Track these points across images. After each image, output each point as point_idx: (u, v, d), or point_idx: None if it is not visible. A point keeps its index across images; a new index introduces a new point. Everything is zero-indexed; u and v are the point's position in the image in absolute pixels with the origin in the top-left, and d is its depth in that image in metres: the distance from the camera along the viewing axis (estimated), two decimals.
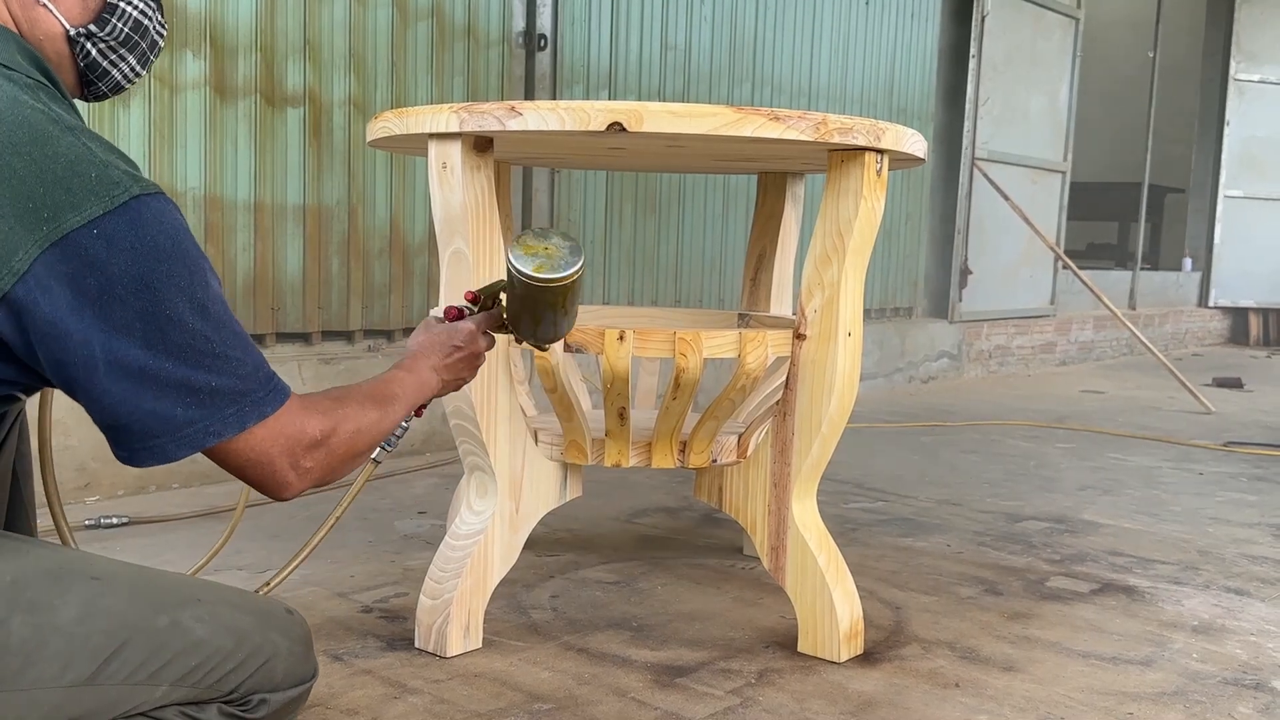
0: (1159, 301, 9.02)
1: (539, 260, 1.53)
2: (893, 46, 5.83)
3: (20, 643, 1.02)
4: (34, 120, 1.02)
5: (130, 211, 1.02)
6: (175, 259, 1.04)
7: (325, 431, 1.18)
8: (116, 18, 1.20)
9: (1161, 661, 2.12)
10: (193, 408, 1.06)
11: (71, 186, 1.00)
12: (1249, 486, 3.77)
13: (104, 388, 1.03)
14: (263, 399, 1.11)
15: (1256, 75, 9.30)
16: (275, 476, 1.15)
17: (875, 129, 1.88)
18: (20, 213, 0.98)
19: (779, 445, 2.07)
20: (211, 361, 1.06)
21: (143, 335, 1.02)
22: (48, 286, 0.99)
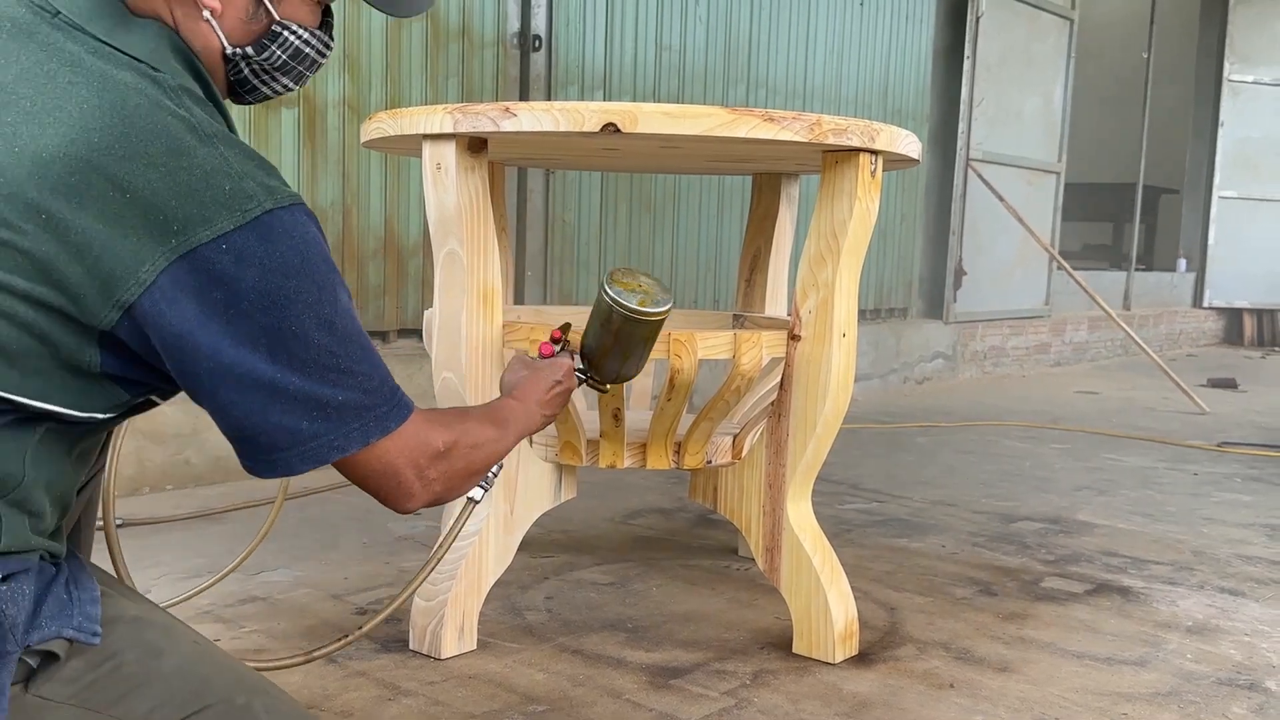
0: (1153, 302, 9.03)
1: (640, 295, 1.59)
2: (887, 47, 5.83)
3: (128, 675, 1.06)
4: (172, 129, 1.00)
5: (261, 226, 1.01)
6: (304, 275, 1.03)
7: (448, 443, 1.19)
8: (277, 45, 1.19)
9: (1156, 662, 2.12)
10: (319, 421, 1.06)
11: (204, 200, 0.99)
12: (1243, 487, 3.78)
13: (231, 399, 1.03)
14: (387, 414, 1.11)
15: (1250, 76, 9.32)
16: (400, 488, 1.16)
17: (869, 130, 1.88)
18: (151, 225, 0.98)
19: (774, 446, 2.07)
20: (337, 377, 1.06)
21: (268, 350, 1.02)
22: (174, 299, 0.99)
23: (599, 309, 1.61)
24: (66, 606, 1.05)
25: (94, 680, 1.05)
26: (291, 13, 1.17)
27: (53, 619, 1.03)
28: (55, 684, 1.03)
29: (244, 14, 1.14)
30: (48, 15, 1.04)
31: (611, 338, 1.61)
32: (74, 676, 1.04)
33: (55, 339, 1.00)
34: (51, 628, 1.02)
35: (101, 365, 1.03)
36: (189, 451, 3.20)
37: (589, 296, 4.40)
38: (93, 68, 1.01)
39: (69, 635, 1.03)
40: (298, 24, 1.18)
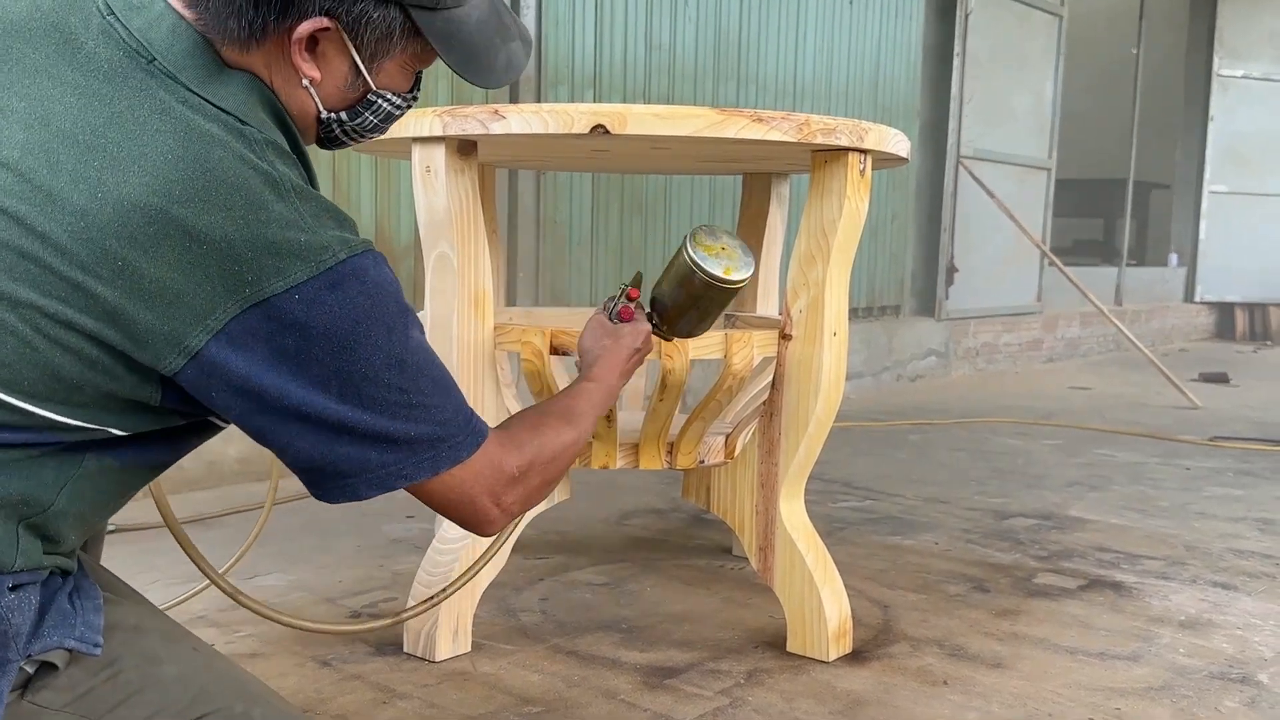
0: (1145, 297, 9.05)
1: (724, 262, 1.57)
2: (877, 45, 5.84)
3: (126, 683, 1.06)
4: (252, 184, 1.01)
5: (334, 275, 1.02)
6: (374, 319, 1.05)
7: (523, 467, 1.21)
8: (370, 111, 1.20)
9: (1148, 656, 2.12)
10: (388, 453, 1.07)
11: (280, 251, 1.00)
12: (1235, 481, 3.79)
13: (298, 434, 1.05)
14: (460, 443, 1.12)
15: (1240, 71, 9.34)
16: (477, 514, 1.18)
17: (858, 129, 1.89)
18: (225, 274, 0.99)
19: (766, 445, 2.08)
20: (408, 412, 1.08)
21: (338, 391, 1.04)
22: (243, 344, 1.00)
23: (678, 269, 1.58)
24: (69, 616, 1.05)
25: (91, 688, 1.05)
26: (388, 81, 1.18)
27: (55, 629, 1.03)
28: (52, 691, 1.04)
29: (342, 83, 1.15)
30: (143, 61, 1.04)
31: (689, 299, 1.59)
32: (71, 684, 1.05)
33: (119, 375, 1.01)
34: (53, 637, 1.03)
35: (163, 400, 1.04)
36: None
37: (581, 298, 4.40)
38: (181, 117, 1.02)
39: (70, 646, 1.04)
40: (392, 91, 1.19)
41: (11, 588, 1.00)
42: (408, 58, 1.17)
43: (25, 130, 1.01)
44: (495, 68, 1.21)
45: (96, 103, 1.02)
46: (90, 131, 1.00)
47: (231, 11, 1.06)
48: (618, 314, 1.60)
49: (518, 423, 1.27)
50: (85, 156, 0.99)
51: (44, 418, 1.00)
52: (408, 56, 1.16)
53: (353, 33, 1.10)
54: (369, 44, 1.12)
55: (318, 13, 1.08)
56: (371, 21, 1.10)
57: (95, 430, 1.03)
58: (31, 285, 0.98)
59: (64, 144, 1.00)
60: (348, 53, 1.12)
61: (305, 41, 1.09)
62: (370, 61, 1.14)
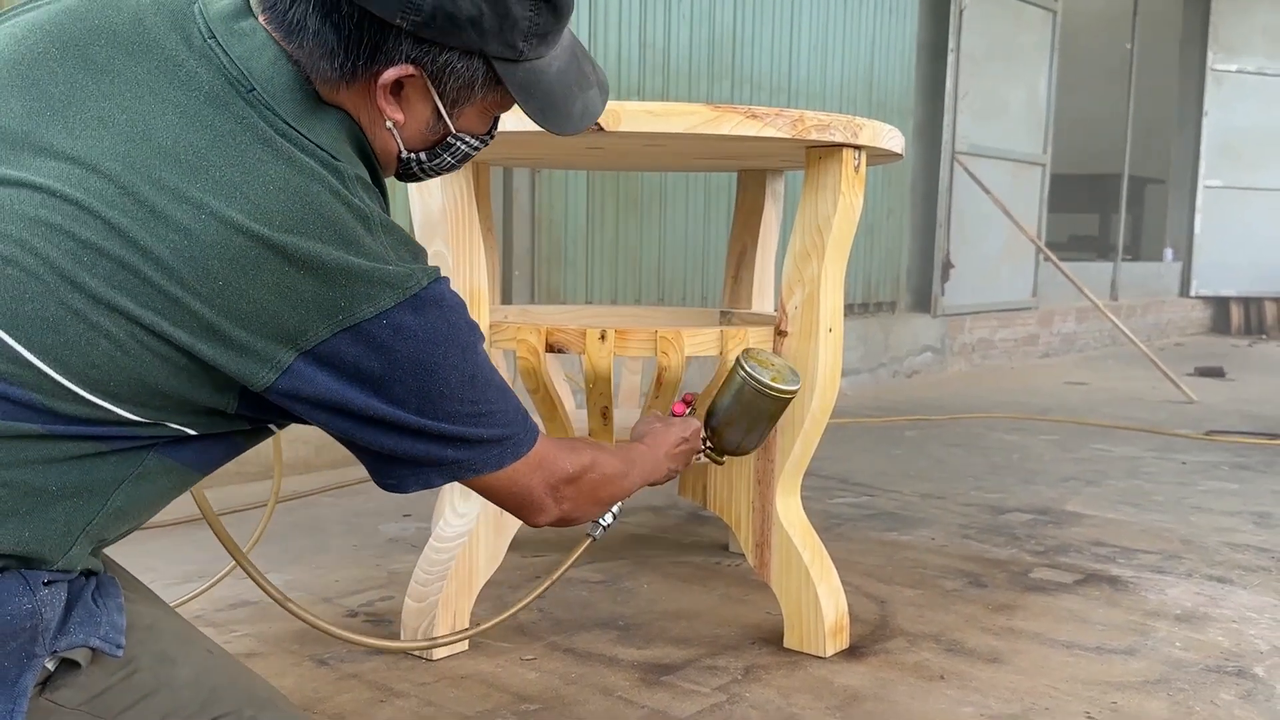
0: (1141, 292, 9.06)
1: (773, 373, 1.69)
2: (871, 41, 5.84)
3: (140, 684, 1.09)
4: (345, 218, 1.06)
5: (417, 302, 1.08)
6: (451, 342, 1.11)
7: (579, 469, 1.30)
8: (449, 153, 1.25)
9: (1145, 650, 2.13)
10: (461, 451, 1.16)
11: (371, 279, 1.06)
12: (1231, 475, 3.80)
13: (379, 438, 1.12)
14: (520, 441, 1.21)
15: (1234, 65, 9.36)
16: (533, 504, 1.26)
17: (852, 125, 1.89)
18: (319, 300, 1.04)
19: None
20: (478, 420, 1.15)
21: (418, 406, 1.10)
22: (332, 363, 1.06)
23: (730, 382, 1.71)
24: (95, 615, 1.07)
25: (107, 687, 1.07)
26: (467, 125, 1.22)
27: (80, 626, 1.05)
28: (69, 689, 1.05)
29: (424, 126, 1.19)
30: (243, 89, 1.07)
31: (740, 411, 1.70)
32: (88, 683, 1.06)
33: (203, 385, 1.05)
34: (79, 635, 1.04)
35: (238, 409, 1.09)
36: None
37: (576, 296, 4.40)
38: (281, 148, 1.06)
39: (95, 645, 1.05)
40: (470, 134, 1.23)
41: (46, 583, 1.02)
42: (488, 104, 1.20)
43: (127, 143, 1.03)
44: (572, 116, 1.25)
45: (199, 124, 1.04)
46: (193, 152, 1.03)
47: (325, 53, 1.09)
48: (671, 411, 1.73)
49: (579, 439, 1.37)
50: (189, 177, 1.02)
51: (119, 415, 1.03)
52: (488, 103, 1.20)
53: (436, 80, 1.14)
54: (451, 91, 1.16)
55: (404, 60, 1.11)
56: (455, 71, 1.14)
57: (163, 429, 1.06)
58: (130, 295, 1.00)
59: (166, 162, 1.02)
60: (430, 99, 1.16)
61: (390, 86, 1.13)
62: (451, 107, 1.18)
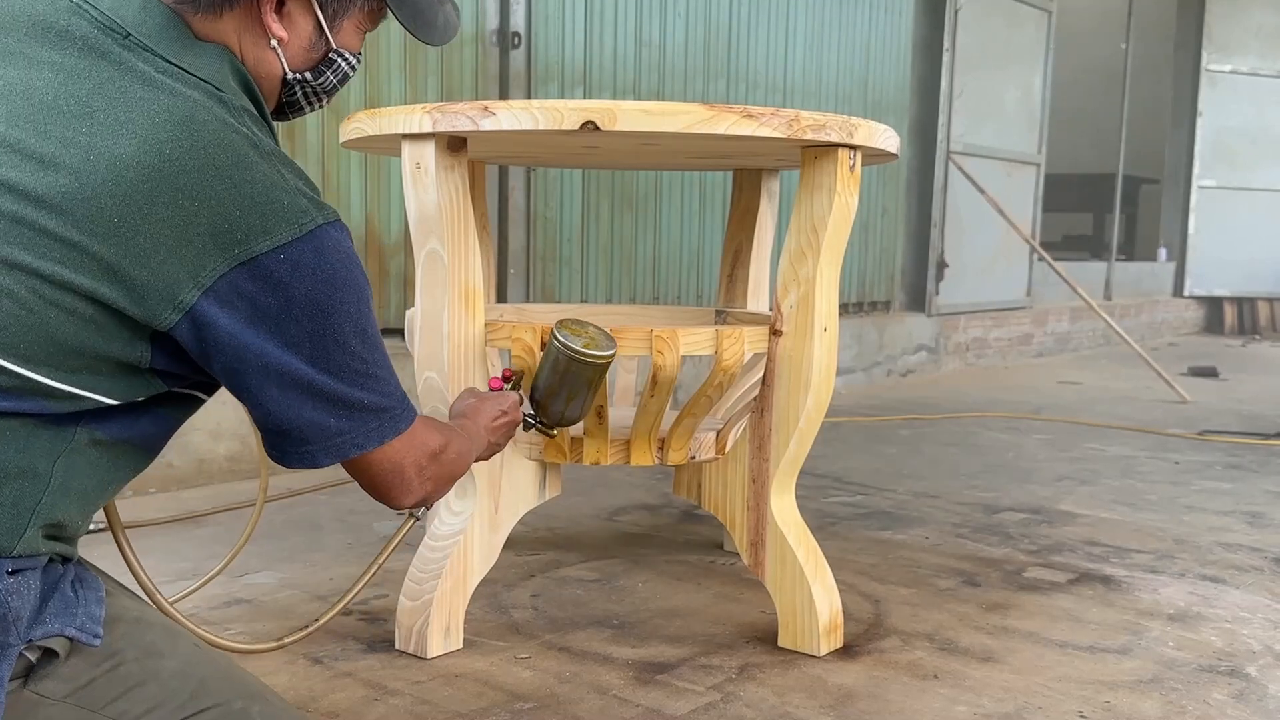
0: (1134, 292, 9.08)
1: (585, 339, 1.70)
2: (866, 40, 5.84)
3: (126, 676, 1.09)
4: (238, 144, 1.08)
5: (315, 239, 1.09)
6: (347, 286, 1.12)
7: (441, 446, 1.31)
8: (331, 71, 1.29)
9: (1138, 650, 2.13)
10: (344, 420, 1.16)
11: (265, 212, 1.07)
12: (1224, 475, 3.81)
13: (271, 396, 1.11)
14: (400, 415, 1.22)
15: (1228, 66, 9.37)
16: (402, 484, 1.27)
17: (847, 125, 1.89)
18: (216, 232, 1.05)
19: (757, 441, 2.08)
20: (364, 380, 1.16)
21: (310, 353, 1.11)
22: (230, 301, 1.06)
23: (547, 352, 1.72)
24: (71, 605, 1.07)
25: (92, 679, 1.07)
26: (345, 41, 1.28)
27: (56, 616, 1.05)
28: (54, 681, 1.05)
29: (306, 43, 1.25)
30: (119, 36, 1.10)
31: (558, 380, 1.72)
32: (73, 675, 1.06)
33: (111, 333, 1.05)
34: (55, 625, 1.05)
35: (151, 361, 1.09)
36: (171, 454, 3.19)
37: (572, 294, 4.40)
38: (163, 84, 1.08)
39: (70, 634, 1.06)
40: (349, 51, 1.29)
41: (11, 571, 1.02)
42: (363, 17, 1.28)
43: (7, 104, 1.05)
44: (437, 26, 1.34)
45: (77, 77, 1.07)
46: (75, 102, 1.05)
47: None
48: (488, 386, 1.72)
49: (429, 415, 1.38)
50: (73, 124, 1.04)
51: (37, 382, 1.03)
52: (363, 16, 1.28)
53: None
54: (331, 3, 1.23)
55: None
56: None
57: (85, 399, 1.06)
58: (27, 249, 1.01)
59: (49, 114, 1.04)
60: (313, 13, 1.23)
61: (274, 3, 1.19)
62: (332, 21, 1.24)
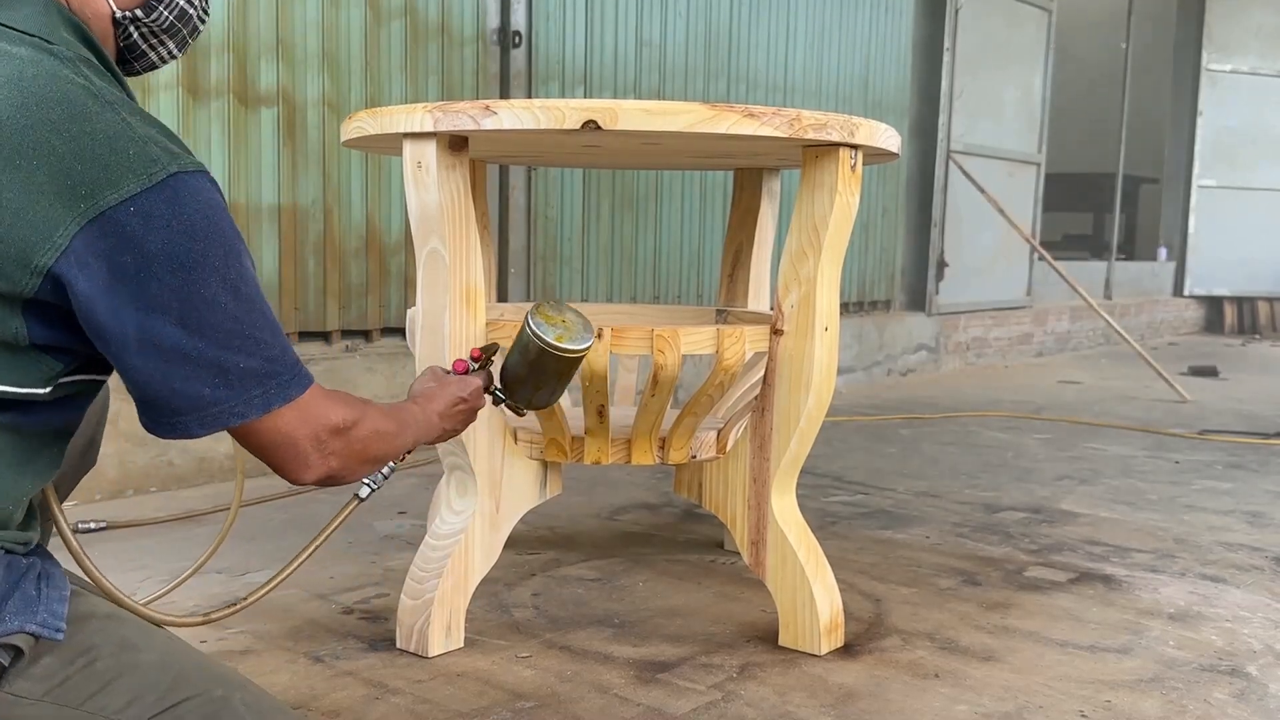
0: (1134, 291, 9.08)
1: (559, 330, 1.61)
2: (867, 40, 5.84)
3: (103, 670, 1.07)
4: (73, 95, 1.02)
5: (168, 189, 1.02)
6: (211, 238, 1.05)
7: (348, 421, 1.19)
8: (164, 6, 1.21)
9: (1138, 649, 2.14)
10: (220, 388, 1.07)
11: (109, 164, 1.00)
12: (1224, 474, 3.81)
13: (135, 364, 1.05)
14: (289, 382, 1.12)
15: (1228, 65, 9.37)
16: (298, 458, 1.16)
17: (849, 125, 1.89)
18: (60, 190, 0.99)
19: (758, 440, 2.08)
20: (241, 342, 1.07)
21: (178, 313, 1.03)
22: (85, 263, 1.00)
23: (519, 338, 1.63)
24: (33, 603, 1.05)
25: (68, 676, 1.06)
26: None
27: (16, 614, 1.03)
28: (28, 681, 1.04)
29: None
30: None
31: (527, 367, 1.64)
32: (48, 673, 1.05)
33: None
34: (14, 622, 1.03)
35: (30, 336, 1.04)
36: (172, 453, 3.19)
37: (573, 293, 4.40)
38: None
39: (31, 630, 1.04)
40: None
41: None
42: None
43: None
44: None
45: None
46: None
47: None
48: (452, 367, 1.63)
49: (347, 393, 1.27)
50: None
51: None
52: None
53: None
54: None
55: None
56: None
57: None
58: None
59: None
60: None
61: None
62: None
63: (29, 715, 1.04)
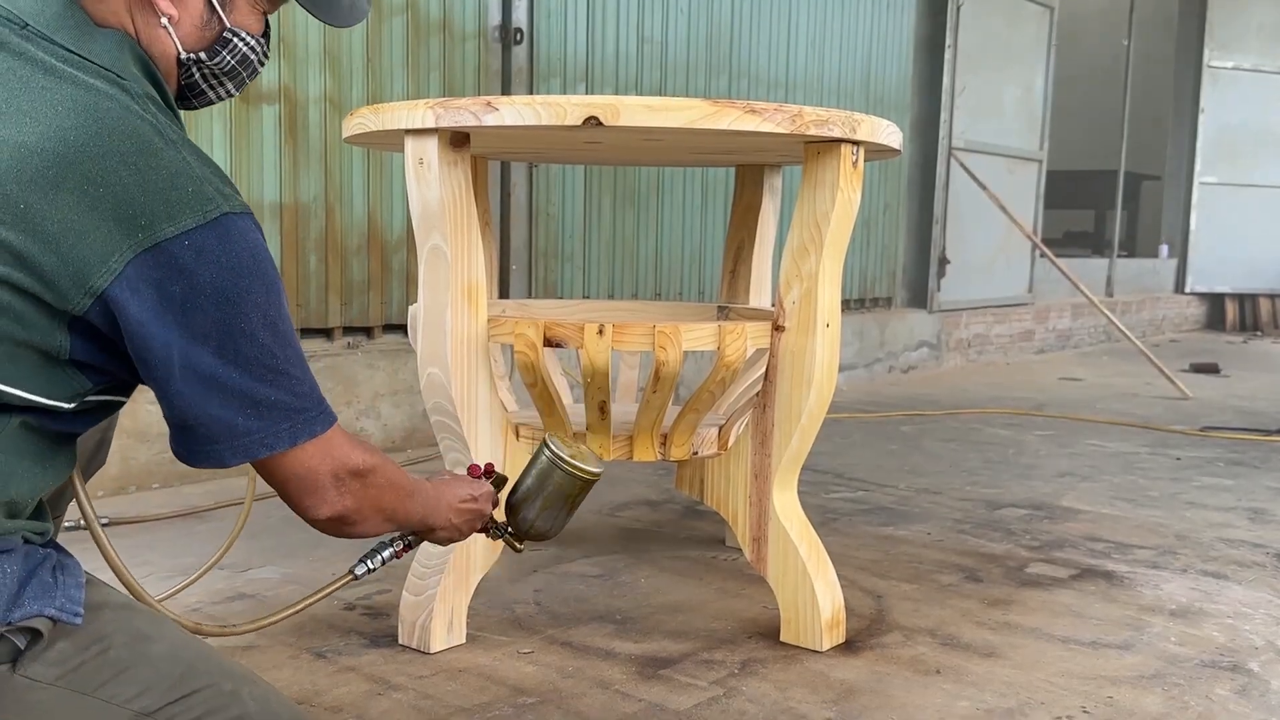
0: (1136, 288, 9.07)
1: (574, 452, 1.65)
2: (869, 37, 5.84)
3: (115, 659, 1.10)
4: (142, 132, 1.08)
5: (220, 227, 1.08)
6: (255, 276, 1.11)
7: (368, 465, 1.24)
8: (227, 51, 1.26)
9: (1140, 645, 2.14)
10: (253, 419, 1.12)
11: (170, 198, 1.06)
12: (1225, 471, 3.81)
13: (177, 389, 1.10)
14: (315, 418, 1.17)
15: (1230, 62, 9.36)
16: (316, 493, 1.21)
17: (850, 121, 1.89)
18: (120, 218, 1.05)
19: (759, 437, 2.08)
20: (275, 377, 1.13)
21: (217, 344, 1.09)
22: (137, 288, 1.05)
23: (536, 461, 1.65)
24: (50, 589, 1.08)
25: (81, 663, 1.08)
26: (241, 20, 1.26)
27: (35, 599, 1.06)
28: (42, 665, 1.07)
29: (199, 21, 1.23)
30: (16, 27, 1.11)
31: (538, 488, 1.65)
32: (61, 659, 1.07)
33: (29, 321, 1.06)
34: (33, 606, 1.06)
35: (70, 352, 1.09)
36: None
37: (574, 290, 4.40)
38: (65, 74, 1.08)
39: (50, 614, 1.07)
40: (246, 31, 1.27)
41: None
42: None
43: None
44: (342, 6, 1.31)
45: None
46: None
47: None
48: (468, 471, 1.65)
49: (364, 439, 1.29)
50: None
51: None
52: None
53: None
54: None
55: None
56: None
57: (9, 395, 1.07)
58: None
59: None
60: None
61: None
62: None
63: (41, 699, 1.06)
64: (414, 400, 3.79)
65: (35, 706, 1.05)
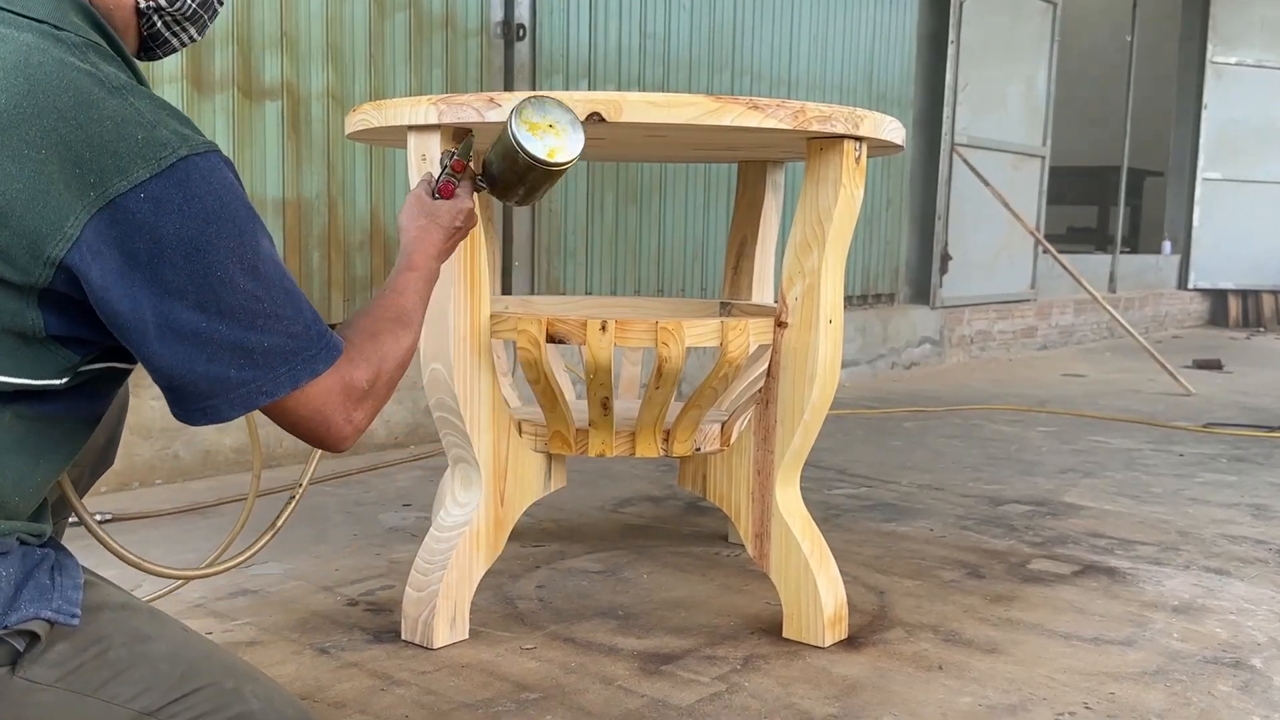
0: (1139, 284, 9.07)
1: (549, 143, 1.48)
2: (871, 33, 5.83)
3: (115, 659, 1.08)
4: (79, 83, 1.01)
5: (178, 173, 1.01)
6: (224, 220, 1.04)
7: (371, 379, 1.20)
8: None
9: (1142, 641, 2.14)
10: (246, 369, 1.07)
11: (118, 150, 0.99)
12: (1228, 467, 3.81)
13: (157, 350, 1.04)
14: (314, 356, 1.12)
15: (1233, 58, 9.35)
16: (331, 431, 1.17)
17: (853, 117, 1.89)
18: (69, 179, 0.99)
19: (762, 433, 2.08)
20: (264, 322, 1.07)
21: (195, 298, 1.03)
22: (98, 251, 1.00)
23: (502, 143, 1.49)
24: (47, 591, 1.06)
25: (81, 664, 1.07)
26: None
27: (32, 601, 1.05)
28: (41, 667, 1.05)
29: None
30: None
31: (514, 175, 1.52)
32: (60, 660, 1.06)
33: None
34: (30, 609, 1.04)
35: (45, 328, 1.04)
36: (177, 446, 3.20)
37: (576, 286, 4.40)
38: None
39: (47, 616, 1.05)
40: None
41: None
42: None
43: None
44: None
45: None
46: None
47: None
48: (438, 190, 1.52)
49: (355, 333, 1.25)
50: None
51: None
52: None
53: None
54: None
55: None
56: None
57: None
58: None
59: None
60: None
61: None
62: None
63: (42, 701, 1.05)
64: (417, 396, 3.79)
65: (36, 708, 1.05)
